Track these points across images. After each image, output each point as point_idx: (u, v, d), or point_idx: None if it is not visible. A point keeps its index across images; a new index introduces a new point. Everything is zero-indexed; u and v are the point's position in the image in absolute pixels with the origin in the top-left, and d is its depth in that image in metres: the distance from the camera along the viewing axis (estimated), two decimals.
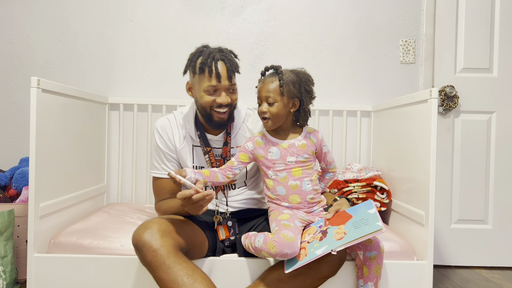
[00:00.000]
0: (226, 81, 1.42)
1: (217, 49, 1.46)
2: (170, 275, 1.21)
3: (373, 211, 1.33)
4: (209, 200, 1.27)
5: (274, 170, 1.44)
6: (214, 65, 1.40)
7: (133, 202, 2.28)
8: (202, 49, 1.46)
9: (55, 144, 1.65)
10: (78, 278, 1.49)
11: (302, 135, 1.47)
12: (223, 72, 1.41)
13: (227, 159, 1.54)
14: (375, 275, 1.40)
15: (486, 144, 2.30)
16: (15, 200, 1.94)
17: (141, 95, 2.34)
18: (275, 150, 1.44)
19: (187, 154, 1.55)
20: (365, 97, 2.38)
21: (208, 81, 1.41)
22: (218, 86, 1.42)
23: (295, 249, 1.26)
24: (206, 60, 1.40)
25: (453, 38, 2.31)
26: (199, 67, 1.41)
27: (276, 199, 1.46)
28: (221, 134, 1.56)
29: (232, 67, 1.44)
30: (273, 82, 1.40)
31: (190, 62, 1.46)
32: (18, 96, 2.31)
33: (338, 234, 1.27)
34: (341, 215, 1.38)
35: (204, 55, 1.42)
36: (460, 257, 2.30)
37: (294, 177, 1.42)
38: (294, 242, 1.26)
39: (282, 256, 1.25)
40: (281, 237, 1.26)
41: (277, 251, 1.24)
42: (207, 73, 1.40)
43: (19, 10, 2.31)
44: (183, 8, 2.35)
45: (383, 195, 1.94)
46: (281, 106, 1.40)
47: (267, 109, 1.40)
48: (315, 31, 2.37)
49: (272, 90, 1.39)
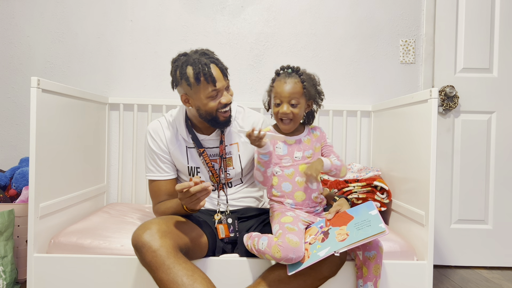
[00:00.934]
0: (223, 82, 1.45)
1: (199, 53, 1.46)
2: (169, 276, 1.21)
3: (375, 213, 1.33)
4: (206, 193, 1.27)
5: (280, 166, 1.45)
6: (208, 70, 1.40)
7: (133, 202, 2.28)
8: (184, 58, 1.45)
9: (55, 144, 1.65)
10: (78, 278, 1.49)
11: (306, 131, 1.50)
12: (218, 75, 1.43)
13: (223, 157, 1.55)
14: (374, 275, 1.40)
15: (486, 144, 2.30)
16: (15, 200, 1.94)
17: (141, 95, 2.34)
18: (282, 145, 1.46)
19: (181, 155, 1.56)
20: (365, 97, 2.38)
21: (209, 88, 1.42)
22: (219, 88, 1.44)
23: (300, 253, 1.26)
24: (198, 69, 1.40)
25: (453, 38, 2.31)
26: (194, 77, 1.41)
27: (280, 197, 1.46)
28: (213, 133, 1.57)
29: (222, 66, 1.47)
30: (296, 83, 1.40)
31: (180, 75, 1.44)
32: (18, 96, 2.31)
33: (340, 236, 1.27)
34: (342, 216, 1.38)
35: (193, 64, 1.41)
36: (460, 257, 2.30)
37: (301, 173, 1.43)
38: (299, 247, 1.26)
39: (287, 261, 1.26)
40: (286, 242, 1.26)
41: (281, 256, 1.24)
42: (205, 81, 1.41)
43: (19, 10, 2.31)
44: (183, 8, 2.35)
45: (383, 195, 1.94)
46: (303, 107, 1.43)
47: (290, 111, 1.40)
48: (315, 31, 2.37)
49: (296, 92, 1.40)
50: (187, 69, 1.42)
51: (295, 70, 1.44)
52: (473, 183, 2.30)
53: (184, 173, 1.60)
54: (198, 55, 1.44)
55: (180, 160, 1.56)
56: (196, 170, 1.57)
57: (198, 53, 1.45)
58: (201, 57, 1.43)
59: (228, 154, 1.58)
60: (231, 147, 1.58)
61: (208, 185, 1.25)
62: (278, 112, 1.42)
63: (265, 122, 1.66)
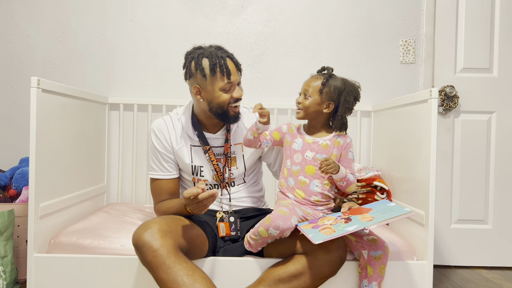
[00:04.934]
0: (237, 76, 1.48)
1: (215, 47, 1.49)
2: (170, 275, 1.21)
3: (393, 204, 1.38)
4: (213, 199, 1.29)
5: (292, 161, 1.48)
6: (224, 63, 1.43)
7: (133, 202, 2.28)
8: (200, 51, 1.47)
9: (55, 144, 1.65)
10: (78, 278, 1.49)
11: (330, 136, 1.50)
12: (233, 68, 1.46)
13: (228, 156, 1.55)
14: (379, 275, 1.40)
15: (486, 144, 2.30)
16: (15, 200, 1.94)
17: (141, 95, 2.34)
18: (299, 141, 1.49)
19: (185, 154, 1.56)
20: (365, 97, 2.37)
21: (223, 80, 1.44)
22: (233, 82, 1.46)
23: (288, 223, 1.30)
24: (215, 61, 1.42)
25: (453, 38, 2.31)
26: (210, 68, 1.42)
27: (285, 188, 1.50)
28: (219, 132, 1.57)
29: (237, 61, 1.50)
30: (317, 79, 1.48)
31: (196, 66, 1.45)
32: (18, 96, 2.31)
33: (365, 218, 1.30)
34: (358, 209, 1.41)
35: (209, 57, 1.44)
36: (460, 257, 2.30)
37: (306, 173, 1.45)
38: (288, 216, 1.31)
39: (275, 228, 1.30)
40: (277, 211, 1.34)
41: (270, 222, 1.30)
42: (220, 73, 1.43)
43: (19, 10, 2.31)
44: (183, 8, 2.35)
45: (383, 195, 1.94)
46: (315, 102, 1.46)
47: (302, 101, 1.47)
48: (315, 31, 2.37)
49: (312, 85, 1.47)
50: (202, 60, 1.44)
51: (328, 71, 1.50)
52: (473, 183, 2.30)
53: (187, 172, 1.59)
54: (214, 49, 1.47)
55: (183, 159, 1.56)
56: (200, 169, 1.56)
57: (214, 47, 1.48)
58: (217, 51, 1.46)
59: (232, 154, 1.58)
60: (236, 147, 1.59)
61: (215, 191, 1.26)
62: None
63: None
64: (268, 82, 2.36)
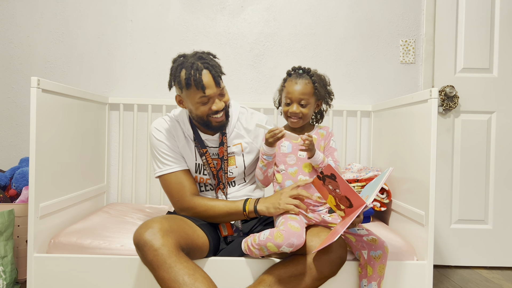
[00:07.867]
0: (215, 89, 1.42)
1: (197, 56, 1.43)
2: (171, 275, 1.21)
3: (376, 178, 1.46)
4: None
5: (285, 164, 1.47)
6: (199, 77, 1.38)
7: (133, 202, 2.28)
8: (181, 60, 1.43)
9: (55, 144, 1.65)
10: (78, 278, 1.49)
11: (314, 130, 1.52)
12: (210, 82, 1.40)
13: (224, 159, 1.54)
14: (379, 274, 1.40)
15: (486, 144, 2.30)
16: (15, 200, 1.94)
17: (141, 95, 2.34)
18: (287, 144, 1.48)
19: (190, 151, 1.55)
20: (365, 97, 2.38)
21: (198, 94, 1.40)
22: (209, 95, 1.41)
23: (301, 239, 1.28)
24: (190, 74, 1.38)
25: (453, 38, 2.31)
26: (185, 82, 1.39)
27: None
28: (217, 134, 1.56)
29: (217, 72, 1.42)
30: (307, 84, 1.44)
31: (173, 77, 1.44)
32: (18, 96, 2.31)
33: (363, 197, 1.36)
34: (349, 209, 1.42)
35: (186, 68, 1.39)
36: (460, 257, 2.30)
37: (305, 172, 1.45)
38: (300, 232, 1.29)
39: (288, 246, 1.27)
40: (288, 227, 1.29)
41: (283, 240, 1.27)
42: (194, 86, 1.39)
43: (19, 10, 2.31)
44: (183, 8, 2.35)
45: (383, 195, 1.94)
46: (312, 107, 1.47)
47: (300, 110, 1.44)
48: (315, 31, 2.37)
49: (307, 92, 1.44)
50: (181, 72, 1.41)
51: (306, 71, 1.47)
52: (473, 183, 2.30)
53: (190, 170, 1.57)
54: (195, 58, 1.42)
55: (189, 156, 1.54)
56: (203, 167, 1.56)
57: (196, 56, 1.43)
58: (197, 61, 1.40)
59: (230, 154, 1.57)
60: (234, 148, 1.57)
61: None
62: (288, 111, 1.46)
63: (269, 121, 1.66)
64: (268, 82, 2.36)
